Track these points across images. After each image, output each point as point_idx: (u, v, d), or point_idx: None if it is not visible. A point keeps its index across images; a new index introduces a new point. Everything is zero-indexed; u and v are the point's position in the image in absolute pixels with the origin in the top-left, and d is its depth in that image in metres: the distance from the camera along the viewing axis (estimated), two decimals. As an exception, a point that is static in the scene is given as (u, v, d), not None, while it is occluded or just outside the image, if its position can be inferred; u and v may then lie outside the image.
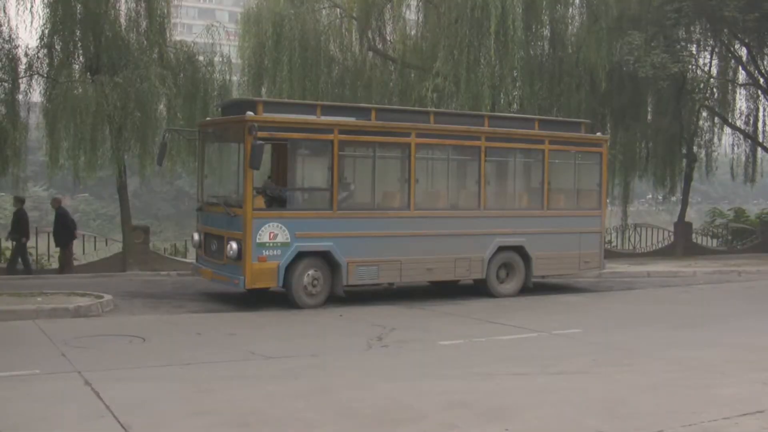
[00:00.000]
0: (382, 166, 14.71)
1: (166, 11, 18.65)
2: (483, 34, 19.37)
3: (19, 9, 17.31)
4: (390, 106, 20.15)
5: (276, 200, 13.60)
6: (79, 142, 17.05)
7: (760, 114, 27.12)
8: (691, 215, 29.40)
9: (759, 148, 27.09)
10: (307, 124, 13.57)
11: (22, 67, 17.40)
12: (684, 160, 25.81)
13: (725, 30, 23.89)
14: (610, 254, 21.24)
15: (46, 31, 17.33)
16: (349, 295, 14.16)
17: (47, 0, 17.17)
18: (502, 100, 21.28)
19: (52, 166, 17.73)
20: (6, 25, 17.17)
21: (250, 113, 12.84)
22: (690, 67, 23.62)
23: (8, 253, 18.98)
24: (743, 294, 16.77)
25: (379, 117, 14.26)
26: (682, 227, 25.51)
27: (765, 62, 26.04)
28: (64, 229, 18.03)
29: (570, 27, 23.71)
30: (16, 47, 17.26)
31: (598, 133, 18.22)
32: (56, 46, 17.55)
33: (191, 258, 17.72)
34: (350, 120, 13.94)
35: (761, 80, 25.94)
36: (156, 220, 46.51)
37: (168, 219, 51.85)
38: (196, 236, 14.68)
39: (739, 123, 27.08)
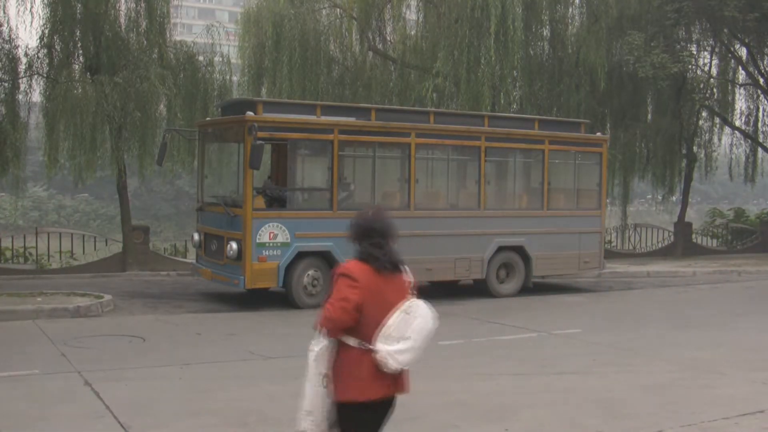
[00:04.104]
0: (382, 166, 14.71)
1: (166, 11, 18.61)
2: (483, 34, 19.36)
3: (19, 9, 17.29)
4: (390, 106, 20.15)
5: (276, 200, 13.60)
6: (78, 142, 17.01)
7: (760, 114, 27.10)
8: (690, 215, 29.38)
9: (759, 148, 27.07)
10: (307, 124, 13.57)
11: (22, 67, 17.36)
12: (684, 160, 25.78)
13: (725, 30, 23.88)
14: (610, 254, 21.24)
15: (46, 31, 17.29)
16: (349, 295, 14.14)
17: (47, 0, 17.16)
18: (502, 100, 21.27)
19: (51, 166, 17.69)
20: (6, 25, 17.13)
21: (249, 113, 12.84)
22: (690, 67, 23.59)
23: (8, 253, 18.97)
24: (743, 294, 16.77)
25: (379, 117, 14.26)
26: (682, 227, 25.50)
27: (765, 62, 26.03)
28: None
29: (570, 27, 23.68)
30: (16, 47, 17.21)
31: (598, 133, 18.22)
32: (56, 46, 17.52)
33: (191, 258, 17.72)
34: (350, 120, 13.94)
35: (761, 80, 25.93)
36: (156, 220, 46.44)
37: (168, 219, 51.79)
38: (196, 236, 14.67)
39: (739, 123, 27.07)
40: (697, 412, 7.07)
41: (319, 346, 4.17)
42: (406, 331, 4.11)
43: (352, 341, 4.13)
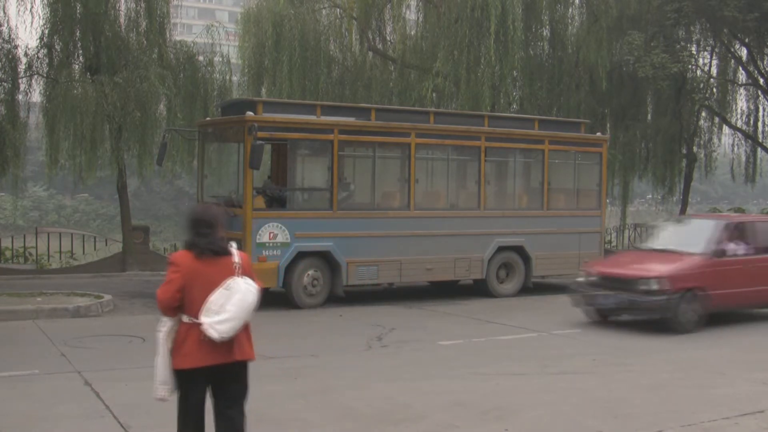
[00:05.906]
0: (382, 166, 14.72)
1: (165, 11, 18.62)
2: (483, 34, 19.35)
3: (19, 9, 17.29)
4: (390, 106, 20.14)
5: (276, 200, 13.61)
6: (78, 142, 17.02)
7: (760, 114, 27.04)
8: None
9: (759, 148, 27.04)
10: (307, 124, 13.57)
11: (22, 67, 17.37)
12: (684, 160, 25.80)
13: (725, 30, 23.86)
14: (610, 254, 21.18)
15: (46, 31, 17.30)
16: (349, 295, 14.16)
17: (47, 0, 17.16)
18: (502, 100, 21.26)
19: (51, 166, 17.72)
20: (6, 25, 17.14)
21: (249, 113, 12.84)
22: (690, 67, 23.58)
23: (8, 253, 18.98)
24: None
25: (379, 117, 14.26)
26: (682, 227, 25.44)
27: (765, 62, 26.00)
28: None
29: (570, 27, 23.68)
30: (16, 47, 17.22)
31: (598, 133, 18.22)
32: (56, 46, 17.52)
33: (191, 258, 17.68)
34: (350, 120, 13.95)
35: (761, 80, 25.90)
36: (156, 220, 46.47)
37: (168, 219, 51.80)
38: (196, 236, 14.64)
39: (739, 123, 27.03)
40: (697, 412, 7.07)
41: (165, 326, 4.89)
42: (226, 305, 4.74)
43: (185, 318, 4.84)
